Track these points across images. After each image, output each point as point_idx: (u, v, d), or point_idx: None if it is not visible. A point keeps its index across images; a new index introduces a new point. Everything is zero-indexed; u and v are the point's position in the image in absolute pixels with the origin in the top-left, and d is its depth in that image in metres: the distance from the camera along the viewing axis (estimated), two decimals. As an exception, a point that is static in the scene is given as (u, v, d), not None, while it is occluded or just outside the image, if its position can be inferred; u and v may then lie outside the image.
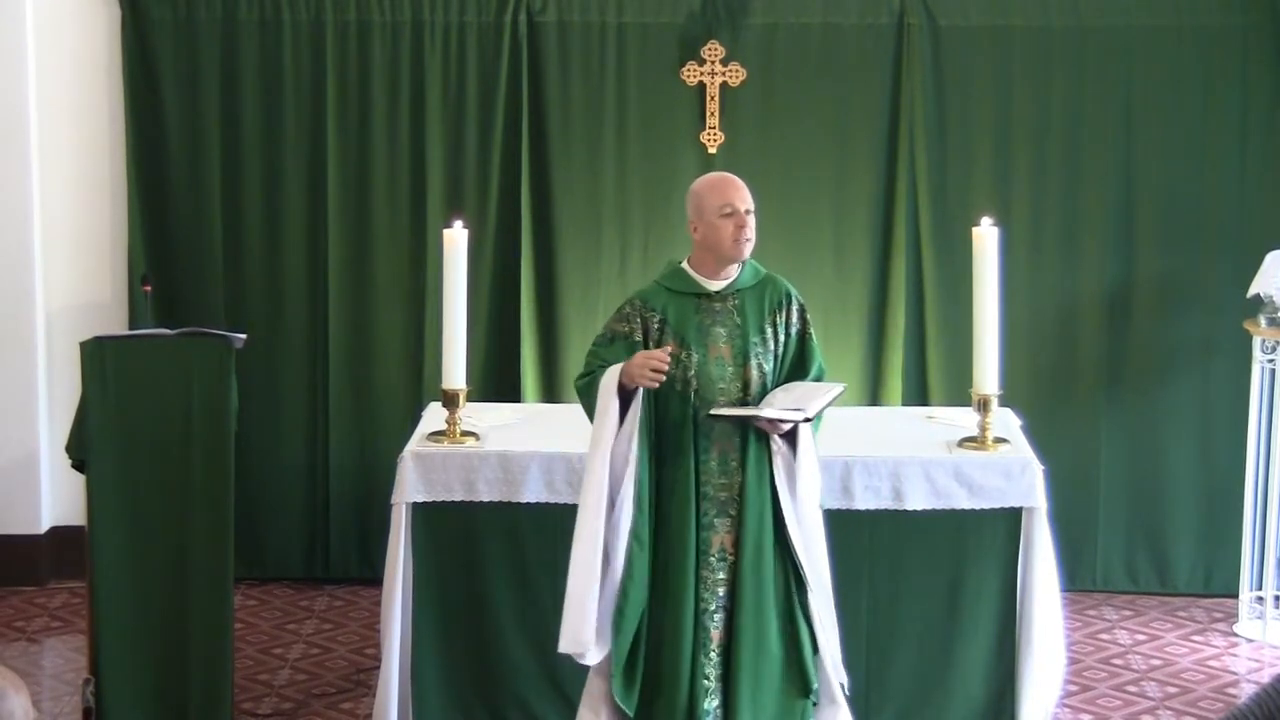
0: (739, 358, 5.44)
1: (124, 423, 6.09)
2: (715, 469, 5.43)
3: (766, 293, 5.53)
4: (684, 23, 7.71)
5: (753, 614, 5.40)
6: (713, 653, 5.42)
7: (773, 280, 5.58)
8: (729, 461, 5.43)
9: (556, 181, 7.79)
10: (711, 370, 5.42)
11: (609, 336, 5.55)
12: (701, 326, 5.46)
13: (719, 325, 5.47)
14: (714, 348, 5.45)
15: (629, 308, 5.54)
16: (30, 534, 7.82)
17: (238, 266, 7.85)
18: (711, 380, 5.42)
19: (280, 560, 7.93)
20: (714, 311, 5.48)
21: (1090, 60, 7.69)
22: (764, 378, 5.44)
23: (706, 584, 5.42)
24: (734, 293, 5.50)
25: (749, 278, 5.54)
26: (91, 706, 6.10)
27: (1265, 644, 7.29)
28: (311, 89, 7.77)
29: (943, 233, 7.69)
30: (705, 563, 5.43)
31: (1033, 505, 6.14)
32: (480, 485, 6.21)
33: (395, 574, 6.14)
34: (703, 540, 5.43)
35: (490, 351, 7.82)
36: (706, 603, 5.42)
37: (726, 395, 5.42)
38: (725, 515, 5.43)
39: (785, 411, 5.35)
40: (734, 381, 5.43)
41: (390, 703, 6.10)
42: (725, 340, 5.45)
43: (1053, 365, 7.80)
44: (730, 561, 5.42)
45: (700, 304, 5.49)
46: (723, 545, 5.43)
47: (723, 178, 5.60)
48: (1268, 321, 7.23)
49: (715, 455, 5.43)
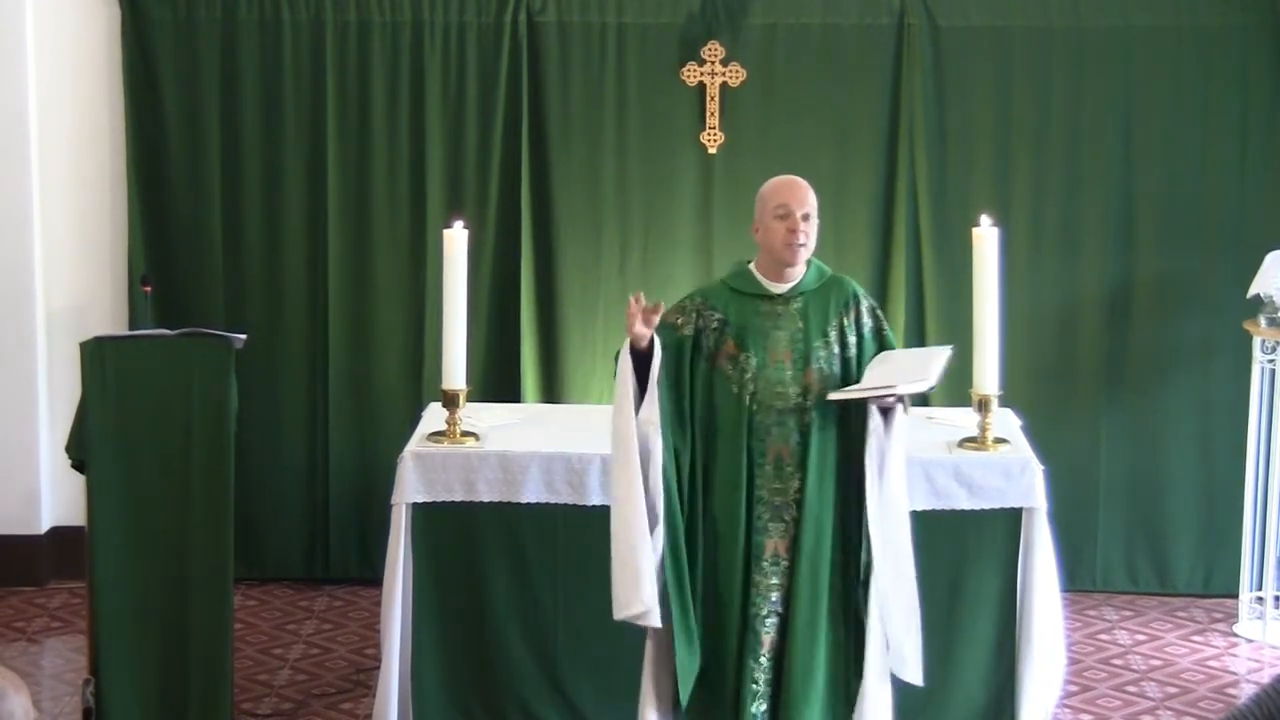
0: (800, 361, 5.37)
1: (124, 423, 6.08)
2: (770, 473, 5.36)
3: (832, 295, 5.46)
4: (684, 23, 7.71)
5: (807, 621, 5.32)
6: (763, 657, 5.36)
7: (839, 281, 5.52)
8: (784, 466, 5.36)
9: (556, 181, 7.79)
10: (770, 374, 5.36)
11: (659, 325, 5.45)
12: (762, 329, 5.40)
13: (780, 329, 5.40)
14: (774, 351, 5.38)
15: (689, 302, 5.48)
16: (30, 534, 7.81)
17: (238, 266, 7.85)
18: (770, 384, 5.35)
19: (280, 560, 7.93)
20: (776, 314, 5.42)
21: (1090, 60, 7.69)
22: (825, 382, 5.36)
23: (759, 589, 5.36)
24: (797, 295, 5.44)
25: (813, 280, 5.48)
26: (91, 706, 6.10)
27: (1265, 644, 7.29)
28: (311, 89, 7.77)
29: (943, 233, 7.69)
30: (758, 567, 5.36)
31: (1033, 505, 6.13)
32: (480, 485, 6.21)
33: (395, 574, 6.14)
34: (755, 545, 5.36)
35: (490, 351, 7.82)
36: (758, 607, 5.36)
37: (784, 399, 5.34)
38: (779, 520, 5.36)
39: (914, 384, 5.26)
40: (793, 385, 5.36)
41: (390, 703, 6.09)
42: (786, 344, 5.39)
43: (1053, 365, 7.79)
44: (784, 566, 5.36)
45: (762, 306, 5.43)
46: (776, 550, 5.37)
47: (785, 180, 5.53)
48: (1268, 321, 7.23)
49: (771, 459, 5.36)
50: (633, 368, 5.30)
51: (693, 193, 7.76)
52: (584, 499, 6.17)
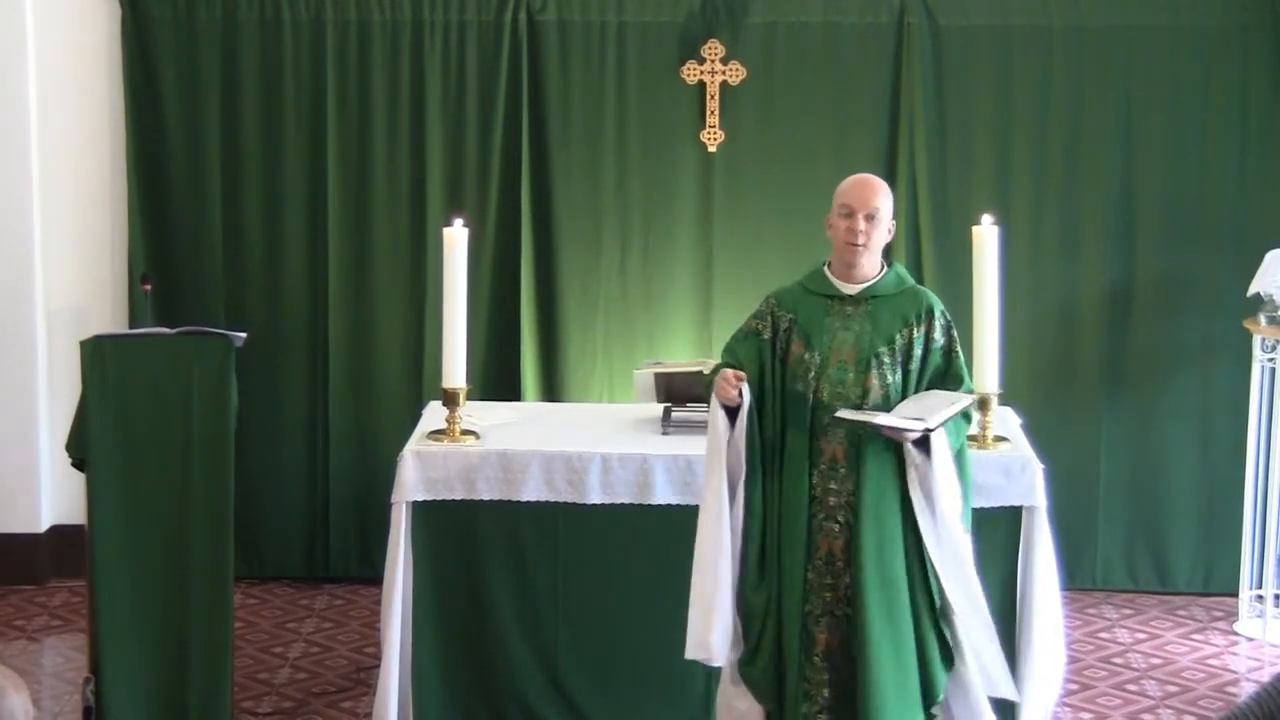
0: (862, 364, 5.36)
1: (124, 422, 6.08)
2: (826, 472, 5.37)
3: (906, 304, 5.44)
4: (684, 22, 7.71)
5: (876, 624, 5.28)
6: (815, 657, 5.37)
7: (916, 293, 5.49)
8: (838, 467, 5.35)
9: (556, 181, 7.79)
10: (833, 373, 5.36)
11: (744, 333, 5.51)
12: (829, 329, 5.40)
13: (847, 329, 5.40)
14: (838, 351, 5.38)
15: (764, 305, 5.51)
16: (30, 533, 7.81)
17: (238, 266, 7.85)
18: (832, 384, 5.35)
19: (280, 560, 7.93)
20: (845, 315, 5.42)
21: (1090, 60, 7.69)
22: (885, 389, 5.35)
23: (813, 587, 5.37)
24: (869, 298, 5.44)
25: (890, 285, 5.46)
26: (91, 706, 6.10)
27: (1265, 643, 7.29)
28: (311, 89, 7.77)
29: (943, 232, 7.69)
30: (812, 566, 5.37)
31: (1033, 504, 6.13)
32: (480, 484, 6.21)
33: (395, 573, 6.14)
34: (813, 544, 5.37)
35: (490, 351, 7.82)
36: (812, 606, 5.37)
37: (845, 400, 5.34)
38: (834, 521, 5.36)
39: (905, 421, 5.26)
40: (854, 387, 5.35)
41: (390, 702, 6.09)
42: (852, 345, 5.38)
43: (1053, 365, 7.79)
44: (838, 567, 5.36)
45: (832, 306, 5.43)
46: (830, 551, 5.37)
47: (857, 179, 5.53)
48: (1268, 321, 7.23)
49: (827, 459, 5.37)
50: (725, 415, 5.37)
51: (693, 191, 7.76)
52: (584, 498, 6.17)
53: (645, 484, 6.16)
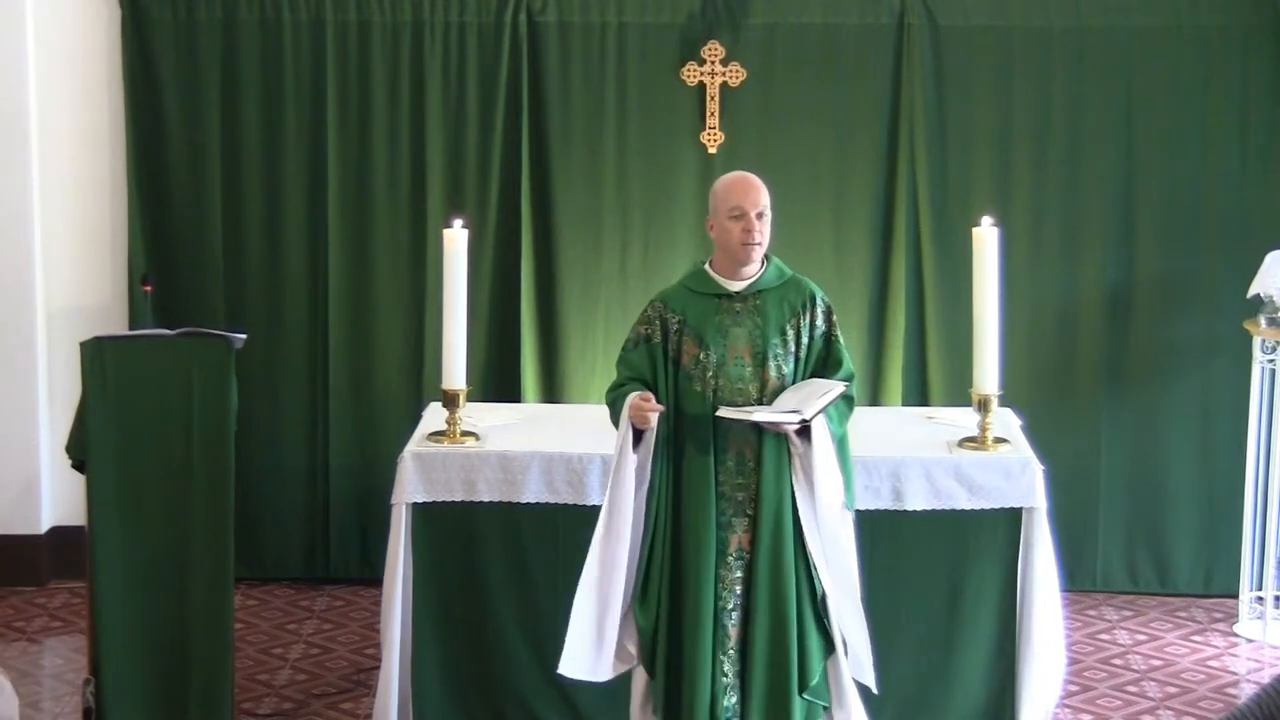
0: (758, 358, 5.43)
1: (124, 423, 6.08)
2: (733, 469, 5.43)
3: (790, 294, 5.51)
4: (684, 23, 7.71)
5: (768, 614, 5.40)
6: (730, 650, 5.43)
7: (798, 282, 5.56)
8: (745, 461, 5.43)
9: (556, 181, 7.79)
10: (730, 370, 5.43)
11: (634, 340, 5.56)
12: (721, 326, 5.46)
13: (739, 325, 5.46)
14: (734, 348, 5.45)
15: (650, 310, 5.56)
16: (30, 534, 7.81)
17: (238, 266, 7.85)
18: (730, 380, 5.42)
19: (280, 560, 7.93)
20: (734, 312, 5.48)
21: (1090, 60, 7.69)
22: (782, 379, 5.43)
23: (724, 583, 5.43)
24: (755, 293, 5.49)
25: (773, 278, 5.53)
26: (91, 706, 6.10)
27: (1265, 644, 7.29)
28: (311, 89, 7.77)
29: (943, 233, 7.69)
30: (723, 562, 5.44)
31: (1033, 505, 6.14)
32: (480, 485, 6.21)
33: (395, 574, 6.14)
34: (721, 540, 5.43)
35: (490, 351, 7.82)
36: (725, 601, 5.43)
37: (745, 395, 5.42)
38: (743, 515, 5.44)
39: (779, 414, 5.34)
40: (752, 382, 5.43)
41: (390, 703, 6.09)
42: (745, 340, 5.45)
43: (1053, 365, 7.79)
44: (747, 560, 5.42)
45: (721, 304, 5.49)
46: (740, 544, 5.44)
47: (737, 179, 5.56)
48: (1268, 321, 7.23)
49: (732, 455, 5.43)
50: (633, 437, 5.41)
51: (693, 192, 7.76)
52: (584, 499, 6.17)
53: (645, 485, 6.15)
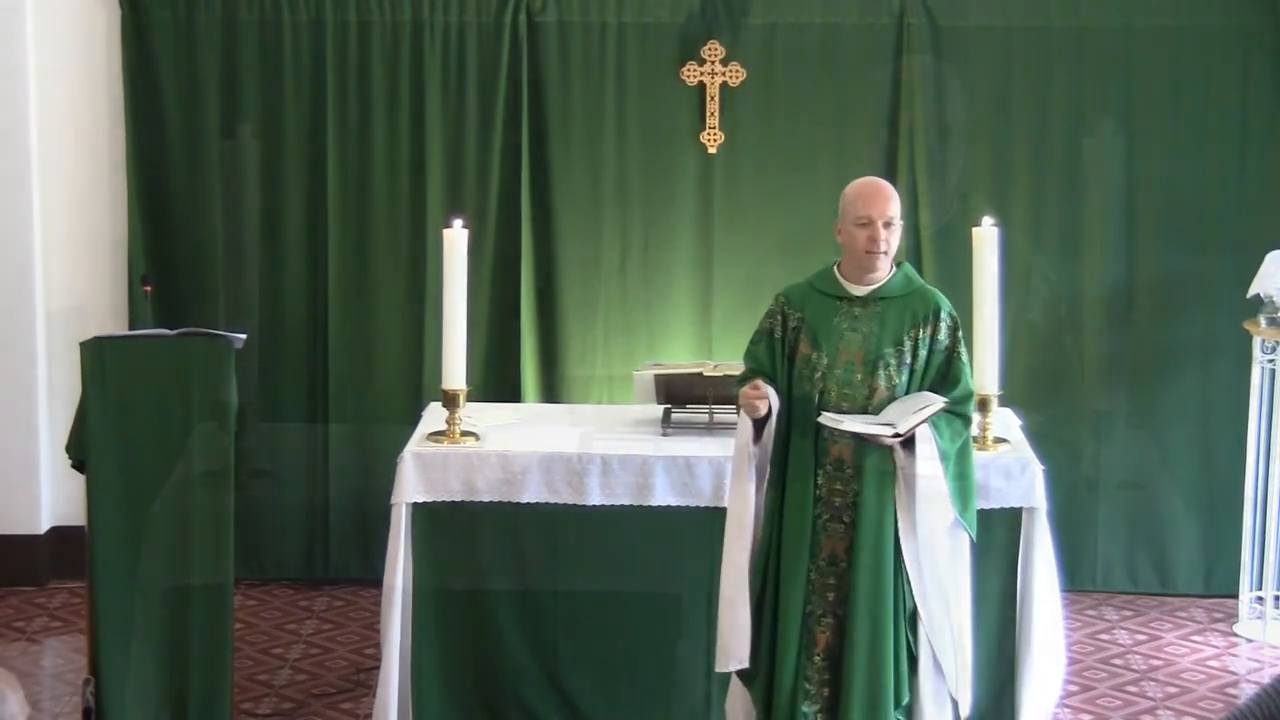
0: (869, 365, 5.38)
1: (124, 423, 6.08)
2: (831, 473, 5.39)
3: (914, 304, 5.45)
4: (684, 23, 7.71)
5: (867, 626, 5.33)
6: (816, 657, 5.39)
7: (925, 292, 5.49)
8: (845, 468, 5.38)
9: (556, 181, 7.79)
10: (840, 374, 5.39)
11: (759, 334, 5.53)
12: (837, 329, 5.42)
13: (855, 330, 5.42)
14: (845, 352, 5.41)
15: (774, 303, 5.54)
16: (30, 534, 7.81)
17: (238, 267, 7.84)
18: (839, 385, 5.38)
19: (280, 560, 7.93)
20: (853, 316, 5.44)
21: (1090, 60, 7.69)
22: (892, 389, 5.38)
23: (815, 588, 5.40)
24: (878, 299, 5.44)
25: (898, 286, 5.47)
26: (91, 706, 6.09)
27: (1265, 644, 7.28)
28: (311, 89, 7.77)
29: (943, 233, 7.69)
30: (815, 566, 5.39)
31: (1033, 505, 6.13)
32: (480, 485, 6.21)
33: (395, 574, 6.14)
34: (817, 544, 5.40)
35: (490, 351, 7.82)
36: (814, 605, 5.39)
37: (851, 401, 5.37)
38: (838, 521, 5.39)
39: (872, 426, 5.27)
40: (861, 388, 5.38)
41: (390, 703, 6.09)
42: (859, 346, 5.40)
43: (1053, 365, 7.79)
44: (841, 568, 5.38)
45: (840, 307, 5.45)
46: (834, 551, 5.39)
47: (867, 185, 5.51)
48: (1268, 321, 7.23)
49: (832, 459, 5.39)
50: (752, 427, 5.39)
51: (693, 192, 7.76)
52: (584, 499, 6.17)
53: (645, 485, 6.16)
